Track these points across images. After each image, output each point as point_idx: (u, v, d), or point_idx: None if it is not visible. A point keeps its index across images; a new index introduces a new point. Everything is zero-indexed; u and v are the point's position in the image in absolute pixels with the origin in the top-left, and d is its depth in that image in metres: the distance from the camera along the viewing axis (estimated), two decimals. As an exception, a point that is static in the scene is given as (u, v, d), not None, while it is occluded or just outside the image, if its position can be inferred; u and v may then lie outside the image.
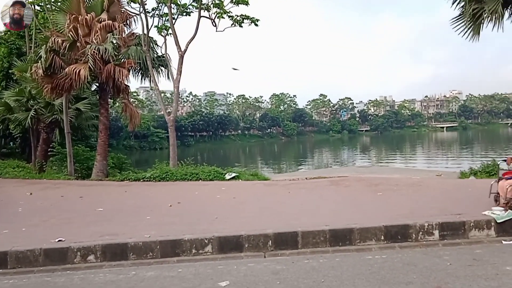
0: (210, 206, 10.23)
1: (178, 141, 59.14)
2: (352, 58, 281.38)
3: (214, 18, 19.59)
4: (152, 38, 19.97)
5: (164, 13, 20.00)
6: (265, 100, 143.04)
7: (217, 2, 19.30)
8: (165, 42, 20.21)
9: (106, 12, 17.90)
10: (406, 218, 7.54)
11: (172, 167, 17.13)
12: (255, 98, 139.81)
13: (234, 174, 15.94)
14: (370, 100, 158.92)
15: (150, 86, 21.23)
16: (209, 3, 19.41)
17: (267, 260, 6.44)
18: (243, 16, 19.56)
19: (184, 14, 20.15)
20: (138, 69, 19.78)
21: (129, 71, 18.08)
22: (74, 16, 17.12)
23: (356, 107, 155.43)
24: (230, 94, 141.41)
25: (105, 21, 17.44)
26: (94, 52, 16.48)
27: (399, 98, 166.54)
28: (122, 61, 18.32)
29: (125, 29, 18.39)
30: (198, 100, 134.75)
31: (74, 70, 16.30)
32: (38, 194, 13.11)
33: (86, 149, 21.18)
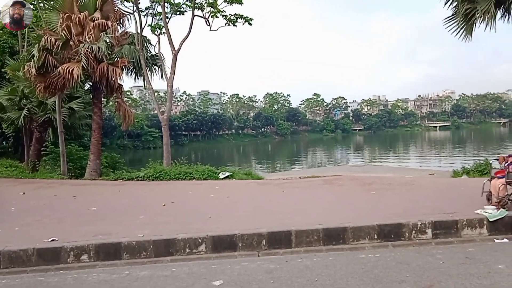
0: (203, 205, 10.23)
1: (172, 140, 58.98)
2: (346, 58, 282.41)
3: (208, 17, 19.58)
4: (145, 37, 19.92)
5: (157, 12, 19.96)
6: (259, 99, 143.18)
7: (210, 1, 19.27)
8: (158, 41, 20.19)
9: (100, 11, 17.82)
10: (399, 217, 7.58)
11: (165, 167, 17.09)
12: (249, 97, 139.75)
13: (228, 174, 15.93)
14: (363, 99, 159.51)
15: (144, 85, 21.15)
16: (202, 2, 19.39)
17: (261, 259, 6.45)
18: (237, 15, 19.56)
19: (177, 13, 20.10)
20: (132, 68, 19.71)
21: (122, 70, 18.02)
22: (67, 14, 17.04)
23: (349, 107, 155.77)
24: (224, 94, 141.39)
25: (98, 20, 17.36)
26: (87, 51, 16.41)
27: (393, 98, 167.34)
28: (116, 60, 18.25)
29: (118, 28, 18.31)
30: (192, 99, 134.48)
31: (67, 69, 16.23)
32: (31, 193, 13.04)
33: (79, 148, 21.09)
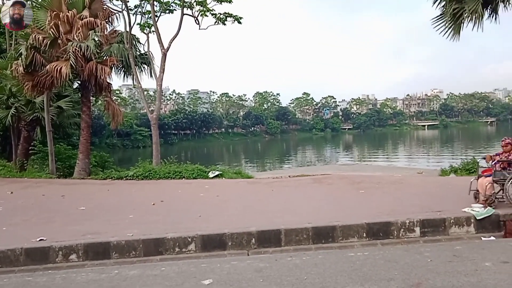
0: (193, 204, 10.22)
1: (161, 139, 58.85)
2: (335, 57, 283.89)
3: (197, 16, 19.52)
4: (134, 35, 19.83)
5: (146, 10, 19.87)
6: (248, 98, 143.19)
7: (200, 0, 19.22)
8: (147, 39, 20.12)
9: (88, 9, 17.67)
10: (388, 215, 7.65)
11: (155, 166, 17.03)
12: (239, 96, 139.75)
13: (217, 172, 15.92)
14: (352, 98, 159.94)
15: (133, 84, 21.03)
16: (192, 1, 19.32)
17: (251, 258, 6.47)
18: (226, 14, 19.52)
19: (167, 11, 20.01)
20: (121, 66, 19.60)
21: (111, 69, 17.90)
22: (55, 13, 16.87)
23: (339, 106, 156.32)
24: (213, 92, 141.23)
25: (86, 18, 17.22)
26: (75, 49, 16.28)
27: (382, 97, 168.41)
28: (104, 58, 18.14)
29: (107, 26, 18.18)
30: (181, 98, 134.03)
31: (55, 67, 16.09)
32: (19, 193, 12.92)
33: (68, 147, 20.93)
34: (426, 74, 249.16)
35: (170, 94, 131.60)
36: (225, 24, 19.75)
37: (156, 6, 19.28)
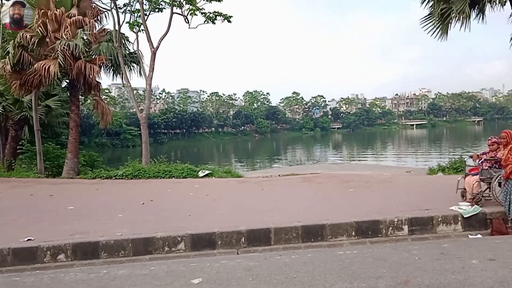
0: (183, 203, 10.20)
1: (151, 138, 58.52)
2: (325, 57, 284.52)
3: (187, 15, 19.42)
4: (123, 34, 19.67)
5: (136, 9, 19.69)
6: (238, 97, 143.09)
7: (189, -2, 19.15)
8: (137, 38, 19.93)
9: (76, 7, 17.58)
10: (377, 214, 7.70)
11: (144, 165, 16.95)
12: (229, 95, 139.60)
13: (207, 172, 15.89)
14: (342, 98, 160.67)
15: (122, 83, 20.89)
16: (181, 0, 19.24)
17: (240, 256, 6.48)
18: (216, 12, 19.45)
19: (156, 10, 19.88)
20: (110, 65, 19.46)
21: (100, 68, 17.82)
22: (43, 11, 16.75)
23: (328, 105, 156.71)
24: (203, 92, 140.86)
25: (75, 16, 17.12)
26: (64, 48, 16.18)
27: (371, 96, 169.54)
28: (93, 57, 18.03)
29: (96, 25, 18.12)
30: (171, 97, 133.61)
31: (43, 66, 15.98)
32: (6, 192, 12.80)
33: (56, 146, 20.81)
34: (415, 74, 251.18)
35: (160, 93, 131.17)
36: (214, 23, 19.69)
37: (145, 4, 19.15)
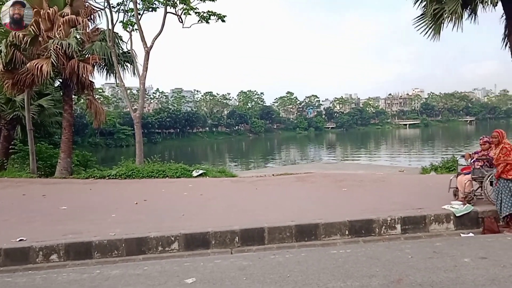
0: (176, 203, 10.19)
1: (145, 138, 58.33)
2: (318, 56, 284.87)
3: (181, 14, 19.37)
4: (117, 33, 19.58)
5: (129, 8, 19.61)
6: (232, 97, 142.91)
7: (183, -2, 19.10)
8: (130, 38, 19.87)
9: (69, 6, 17.49)
10: (370, 213, 7.73)
11: (138, 165, 16.91)
12: (223, 95, 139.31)
13: (201, 171, 15.88)
14: (336, 97, 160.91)
15: (116, 83, 20.81)
16: (175, -1, 19.20)
17: (234, 256, 6.48)
18: (210, 12, 19.41)
19: (150, 9, 19.82)
20: (103, 65, 19.36)
21: (93, 67, 17.73)
22: (35, 10, 16.61)
23: (322, 105, 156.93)
24: (197, 91, 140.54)
25: (68, 15, 17.03)
26: (57, 47, 16.09)
27: (364, 96, 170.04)
28: (87, 56, 17.95)
29: (89, 24, 18.02)
30: (165, 97, 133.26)
31: (36, 65, 15.88)
32: (-2, 193, 12.73)
33: (49, 146, 20.68)
34: (408, 74, 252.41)
35: (154, 93, 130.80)
36: (208, 22, 19.65)
37: (139, 3, 19.08)
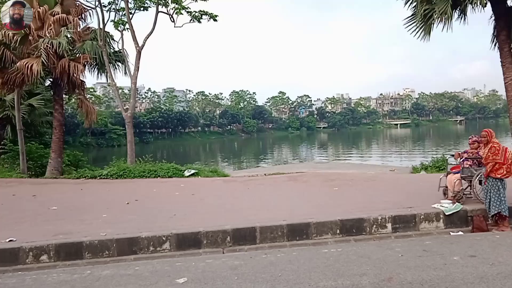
0: (168, 203, 10.17)
1: (137, 138, 58.08)
2: (311, 57, 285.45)
3: (172, 13, 19.35)
4: (108, 33, 19.50)
5: (120, 7, 19.57)
6: (225, 97, 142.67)
7: (175, -3, 19.06)
8: (122, 37, 19.87)
9: (60, 5, 17.39)
10: (361, 212, 7.77)
11: (130, 165, 16.86)
12: (215, 95, 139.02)
13: (193, 171, 15.87)
14: (327, 97, 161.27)
15: (107, 82, 20.72)
16: (167, -2, 19.16)
17: (226, 256, 6.48)
18: (202, 11, 19.40)
19: (141, 9, 19.77)
20: (94, 64, 19.27)
21: (84, 66, 17.62)
22: (26, 8, 16.51)
23: (314, 105, 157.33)
24: (189, 91, 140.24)
25: (58, 14, 16.94)
26: (47, 46, 16.00)
27: (356, 96, 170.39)
28: (77, 56, 17.84)
29: (80, 23, 17.91)
30: (157, 96, 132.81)
31: (26, 64, 15.77)
32: (-13, 193, 12.62)
33: (40, 146, 20.53)
34: (399, 74, 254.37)
35: (146, 93, 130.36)
36: (200, 22, 19.64)
37: (130, 3, 19.03)
